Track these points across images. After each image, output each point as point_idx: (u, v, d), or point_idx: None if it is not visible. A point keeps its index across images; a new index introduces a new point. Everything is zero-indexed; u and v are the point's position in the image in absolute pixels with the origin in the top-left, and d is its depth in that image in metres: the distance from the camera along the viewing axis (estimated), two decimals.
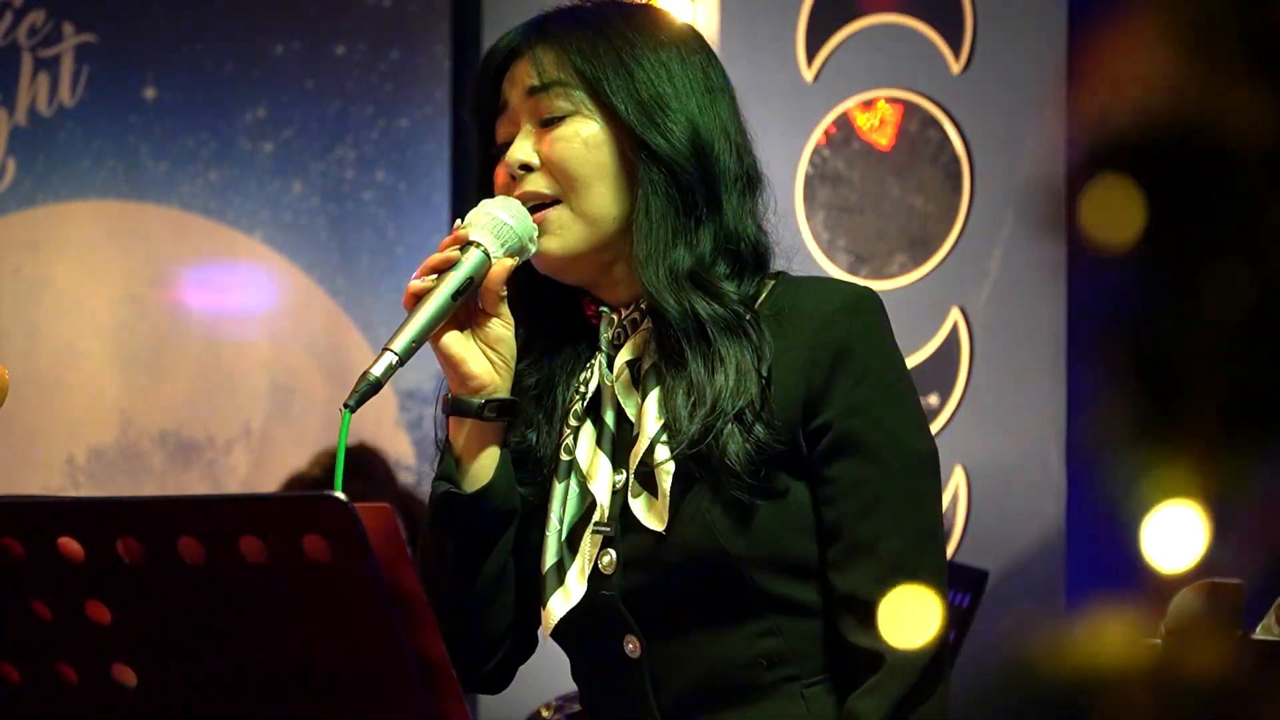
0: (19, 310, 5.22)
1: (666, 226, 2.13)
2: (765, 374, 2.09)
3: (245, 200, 5.26)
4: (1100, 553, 2.11)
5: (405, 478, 4.99)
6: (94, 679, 1.83)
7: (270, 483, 4.92)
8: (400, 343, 2.11)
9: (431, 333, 2.13)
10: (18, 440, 5.20)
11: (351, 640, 1.76)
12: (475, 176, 2.24)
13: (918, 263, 4.59)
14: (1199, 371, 0.89)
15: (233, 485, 5.18)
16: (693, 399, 2.09)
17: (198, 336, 5.24)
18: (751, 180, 2.20)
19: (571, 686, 3.97)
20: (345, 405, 2.09)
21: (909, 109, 4.65)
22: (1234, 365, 0.89)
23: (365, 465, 4.79)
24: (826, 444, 2.09)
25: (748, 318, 2.12)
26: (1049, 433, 4.39)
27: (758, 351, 2.10)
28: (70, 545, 1.80)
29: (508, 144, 2.19)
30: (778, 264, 2.23)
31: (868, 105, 4.69)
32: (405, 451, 5.11)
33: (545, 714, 3.86)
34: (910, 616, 2.10)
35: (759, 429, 2.07)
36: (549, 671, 5.18)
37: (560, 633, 2.17)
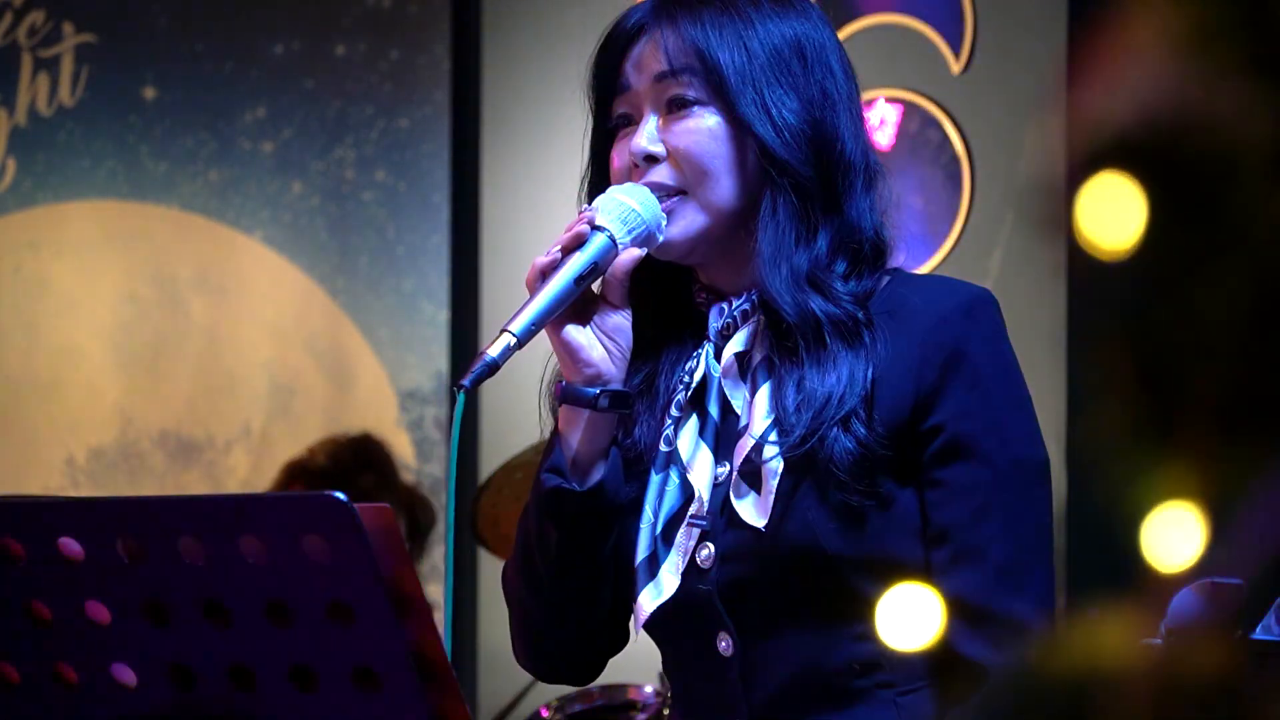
0: (19, 310, 5.22)
1: (791, 228, 2.09)
2: (871, 379, 2.05)
3: (245, 200, 5.26)
4: (1100, 553, 2.11)
5: (405, 478, 4.99)
6: (94, 679, 1.83)
7: (270, 483, 4.92)
8: (519, 324, 2.06)
9: (551, 317, 2.08)
10: (18, 440, 5.20)
11: (351, 640, 1.76)
12: (590, 150, 2.21)
13: (918, 263, 4.58)
14: (1199, 371, 0.89)
15: (233, 485, 5.18)
16: (801, 398, 2.05)
17: (198, 336, 5.24)
18: (872, 173, 2.16)
19: (570, 687, 3.97)
20: (460, 385, 2.02)
21: (909, 109, 4.65)
22: (1234, 365, 0.89)
23: (367, 464, 4.78)
24: (939, 447, 2.05)
25: (861, 319, 2.08)
26: (1048, 432, 4.38)
27: (868, 356, 2.06)
28: (70, 545, 1.80)
29: (625, 119, 2.17)
30: None
31: (867, 105, 4.69)
32: (405, 452, 5.11)
33: (545, 714, 3.85)
34: (1013, 631, 2.04)
35: (864, 433, 2.03)
36: None
37: (653, 626, 2.13)
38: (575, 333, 2.12)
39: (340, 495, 1.72)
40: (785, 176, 2.10)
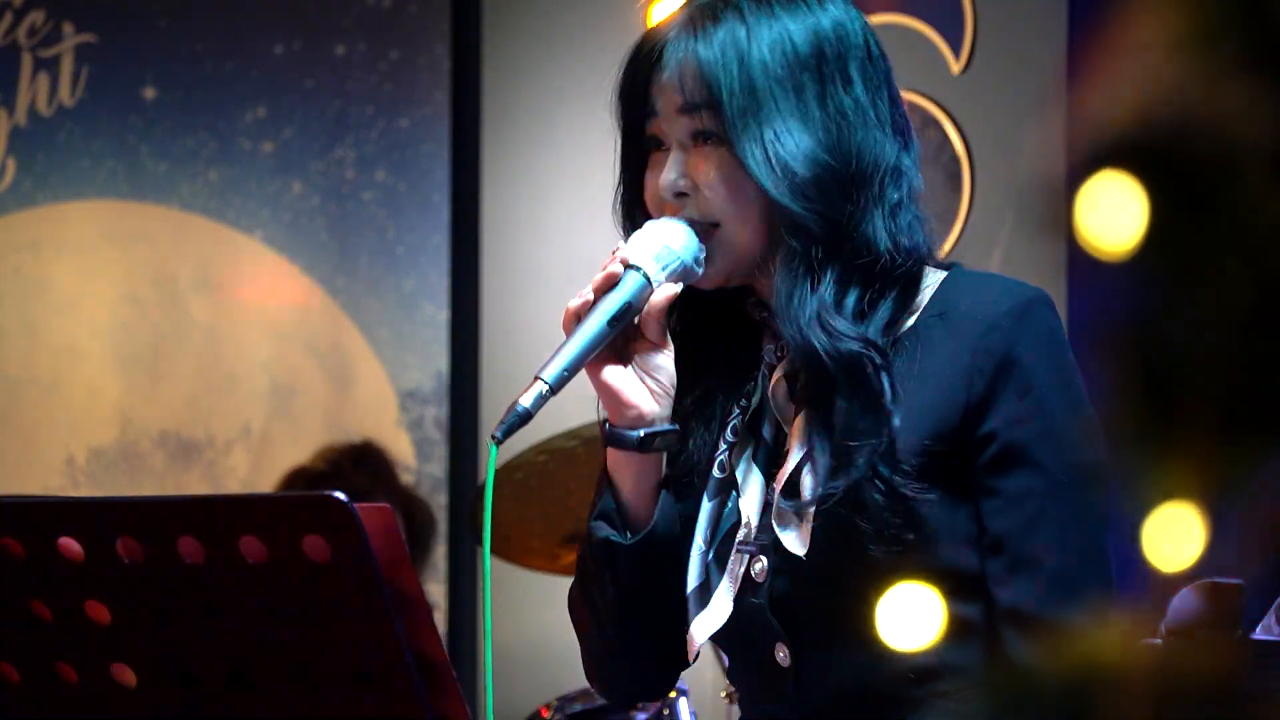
0: (19, 310, 5.22)
1: (798, 276, 2.05)
2: (895, 417, 2.01)
3: (245, 200, 5.26)
4: None
5: (405, 478, 4.99)
6: (94, 679, 1.84)
7: (270, 483, 4.92)
8: (552, 372, 2.02)
9: (585, 361, 2.05)
10: (18, 440, 5.20)
11: (351, 640, 1.76)
12: (620, 168, 2.16)
13: None
14: (1199, 371, 0.89)
15: (233, 485, 5.18)
16: (823, 433, 2.03)
17: (198, 336, 5.24)
18: (897, 172, 2.11)
19: (571, 686, 3.98)
20: (493, 437, 1.99)
21: (909, 109, 4.64)
22: (1234, 365, 0.89)
23: (366, 463, 4.78)
24: (991, 455, 2.02)
25: (879, 362, 2.03)
26: None
27: (886, 400, 2.02)
28: (70, 545, 1.80)
29: (656, 141, 2.12)
30: None
31: None
32: (405, 452, 5.11)
33: (545, 714, 3.86)
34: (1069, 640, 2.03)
35: (889, 473, 2.00)
36: (549, 671, 5.20)
37: (715, 637, 2.12)
38: (615, 374, 2.09)
39: (340, 495, 1.72)
40: (785, 219, 2.05)
